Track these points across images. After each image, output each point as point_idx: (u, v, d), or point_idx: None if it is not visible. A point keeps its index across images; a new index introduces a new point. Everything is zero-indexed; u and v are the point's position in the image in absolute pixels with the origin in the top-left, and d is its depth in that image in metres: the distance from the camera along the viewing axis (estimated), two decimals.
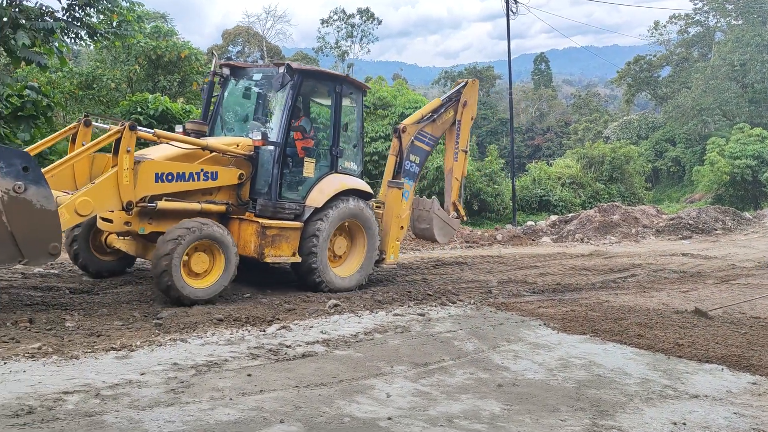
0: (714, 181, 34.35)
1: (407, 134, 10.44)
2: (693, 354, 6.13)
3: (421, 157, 10.70)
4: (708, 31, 53.69)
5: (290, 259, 8.50)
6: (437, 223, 10.80)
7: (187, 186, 7.76)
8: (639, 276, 11.57)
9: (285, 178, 8.51)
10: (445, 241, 11.74)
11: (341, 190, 8.90)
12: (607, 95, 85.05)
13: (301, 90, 8.78)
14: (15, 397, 4.12)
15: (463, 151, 11.37)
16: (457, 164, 11.33)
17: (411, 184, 10.45)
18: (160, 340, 5.77)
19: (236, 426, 3.84)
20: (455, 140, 11.28)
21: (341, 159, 9.23)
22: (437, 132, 10.96)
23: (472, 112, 11.40)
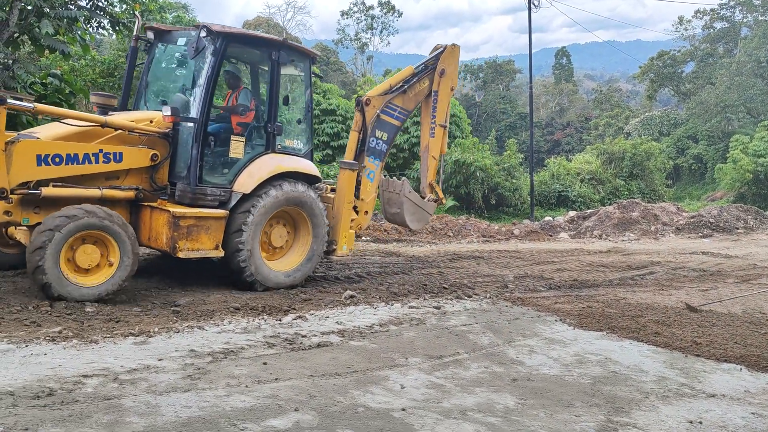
0: (736, 180, 33.80)
1: (371, 107, 9.39)
2: (711, 353, 6.06)
3: (390, 133, 9.67)
4: (734, 27, 52.73)
5: (211, 253, 7.47)
6: (408, 207, 9.93)
7: (83, 169, 6.78)
8: (657, 274, 11.45)
9: (206, 160, 7.49)
10: (418, 227, 10.75)
11: (277, 172, 7.89)
12: (629, 91, 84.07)
13: (226, 56, 7.81)
14: (36, 379, 4.20)
15: (441, 126, 10.25)
16: (434, 141, 10.28)
17: (377, 163, 9.50)
18: (177, 327, 5.84)
19: (251, 413, 3.88)
20: (431, 114, 10.17)
21: (281, 137, 8.20)
22: (409, 104, 9.89)
23: (451, 82, 10.29)
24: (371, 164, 9.44)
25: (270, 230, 8.09)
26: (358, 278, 9.28)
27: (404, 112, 9.81)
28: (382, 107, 9.49)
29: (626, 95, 76.81)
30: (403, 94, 9.76)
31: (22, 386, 4.06)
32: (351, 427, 3.77)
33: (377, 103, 9.46)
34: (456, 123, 32.77)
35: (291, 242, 8.37)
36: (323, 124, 30.94)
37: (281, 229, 8.24)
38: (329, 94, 32.75)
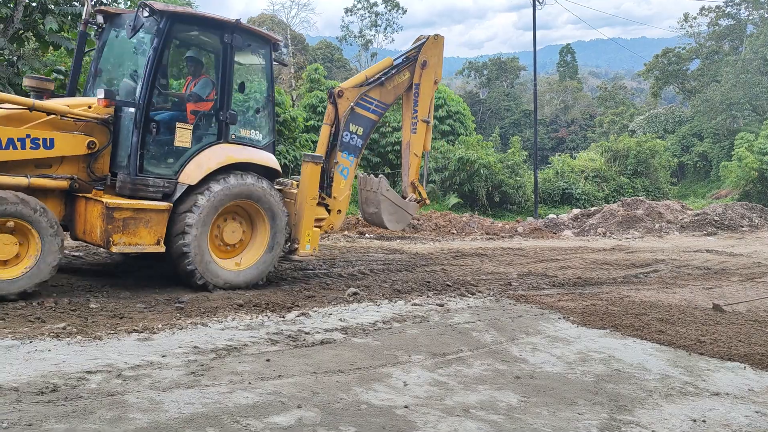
0: (742, 177, 33.69)
1: (345, 99, 8.87)
2: (715, 351, 6.05)
3: (365, 128, 9.10)
4: (739, 24, 52.52)
5: (151, 249, 6.95)
6: (387, 207, 9.35)
7: (6, 155, 6.30)
8: (662, 272, 11.43)
9: (149, 148, 7.04)
10: (397, 228, 10.08)
11: (228, 163, 7.42)
12: (634, 88, 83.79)
13: (172, 38, 7.37)
14: (40, 375, 4.22)
15: (423, 122, 9.67)
16: (416, 137, 9.68)
17: (351, 159, 8.97)
18: (181, 323, 5.85)
19: (254, 409, 3.88)
20: (413, 108, 9.59)
21: (236, 126, 7.74)
22: (387, 98, 9.31)
23: (435, 75, 9.71)
24: (345, 160, 8.93)
25: (223, 226, 7.60)
26: (361, 275, 9.28)
27: (382, 106, 9.25)
28: (357, 100, 8.96)
29: (631, 93, 76.56)
30: (380, 87, 9.23)
31: (26, 382, 4.08)
32: (354, 424, 3.77)
33: (351, 95, 8.94)
34: (460, 120, 32.76)
35: (247, 240, 7.85)
36: None
37: (235, 225, 7.72)
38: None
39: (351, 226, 15.47)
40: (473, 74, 72.43)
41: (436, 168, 28.32)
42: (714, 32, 53.61)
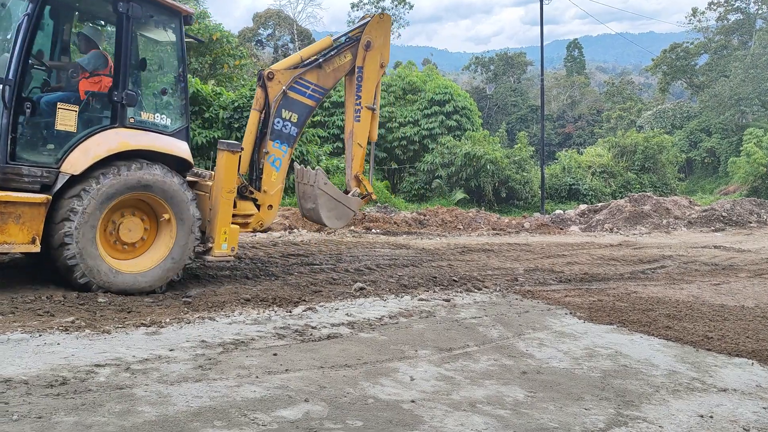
0: (750, 173, 33.50)
1: (276, 82, 8.09)
2: (722, 347, 6.03)
3: (301, 114, 8.31)
4: (749, 19, 52.12)
5: (22, 249, 6.07)
6: (325, 203, 8.55)
7: None
8: (669, 267, 11.39)
9: (24, 132, 6.21)
10: (337, 226, 9.23)
11: (121, 150, 6.52)
12: (642, 83, 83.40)
13: (51, 4, 6.62)
14: (49, 368, 4.25)
15: (367, 109, 8.86)
16: (360, 126, 8.88)
17: (284, 148, 8.20)
18: (188, 317, 5.88)
19: (262, 403, 3.90)
20: (356, 94, 8.79)
21: (135, 109, 6.86)
22: (327, 81, 8.54)
23: (381, 58, 8.88)
24: (276, 150, 8.12)
25: (119, 222, 6.75)
26: (367, 270, 9.29)
27: (320, 90, 8.45)
28: (291, 83, 8.14)
29: (639, 88, 76.22)
30: (318, 69, 8.39)
31: (35, 375, 4.11)
32: (360, 418, 3.78)
33: (283, 78, 8.14)
34: (466, 116, 32.70)
35: (151, 238, 7.00)
36: (333, 117, 30.96)
37: (135, 222, 6.86)
38: (339, 86, 32.70)
39: (357, 221, 15.48)
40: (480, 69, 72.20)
41: (442, 163, 28.29)
42: (723, 27, 53.21)
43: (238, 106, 20.07)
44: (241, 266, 8.87)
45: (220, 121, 20.55)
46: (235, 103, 20.22)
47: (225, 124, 20.43)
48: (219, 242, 7.34)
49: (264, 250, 10.39)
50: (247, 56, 28.73)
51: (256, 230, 8.34)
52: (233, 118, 20.18)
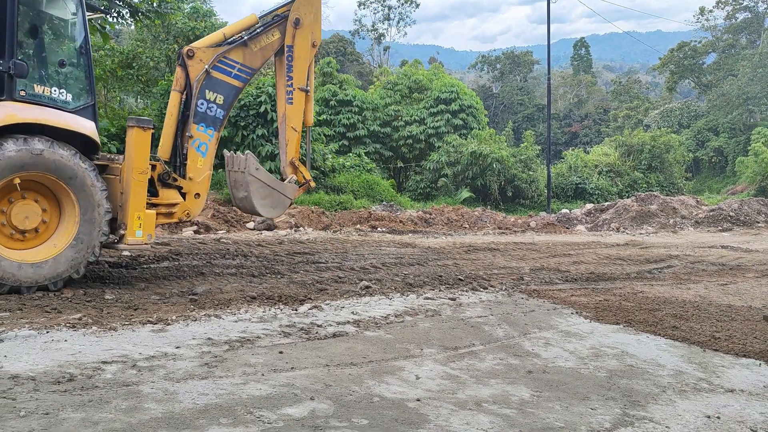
0: (758, 173, 33.33)
1: (197, 61, 7.57)
2: (730, 348, 6.00)
3: (227, 96, 7.83)
4: (757, 17, 51.84)
5: None
6: (257, 190, 8.01)
7: None
8: (676, 267, 11.34)
9: None
10: (272, 215, 8.75)
11: (7, 124, 5.95)
12: (649, 82, 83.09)
13: None
14: (57, 365, 4.27)
15: (300, 90, 8.37)
16: (293, 108, 8.40)
17: (210, 132, 7.70)
18: (195, 315, 5.90)
19: (268, 401, 3.91)
20: (286, 75, 8.31)
21: (29, 81, 6.31)
22: (254, 61, 8.05)
23: (312, 36, 8.40)
24: (202, 134, 7.59)
25: (10, 208, 6.15)
26: (373, 269, 9.30)
27: (246, 70, 7.96)
28: (213, 62, 7.65)
29: (646, 87, 75.92)
30: (243, 48, 7.93)
31: (43, 371, 4.13)
32: (366, 417, 3.79)
33: (205, 56, 7.65)
34: (473, 114, 32.65)
35: (53, 225, 6.44)
36: (339, 115, 30.95)
37: (32, 207, 6.25)
38: (345, 85, 32.74)
39: (363, 219, 15.48)
40: (486, 68, 72.08)
41: (448, 162, 28.26)
42: (731, 26, 52.95)
43: (244, 105, 20.12)
44: (247, 264, 8.89)
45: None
46: (242, 101, 20.26)
47: (231, 122, 20.47)
48: (132, 229, 6.70)
49: (270, 248, 10.41)
50: None
51: (182, 220, 7.81)
52: (239, 116, 20.23)
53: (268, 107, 19.77)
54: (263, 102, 19.80)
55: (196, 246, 9.87)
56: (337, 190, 20.89)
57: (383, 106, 32.83)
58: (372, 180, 22.92)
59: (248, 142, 20.07)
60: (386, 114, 32.55)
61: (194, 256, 9.04)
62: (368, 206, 19.68)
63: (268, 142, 19.81)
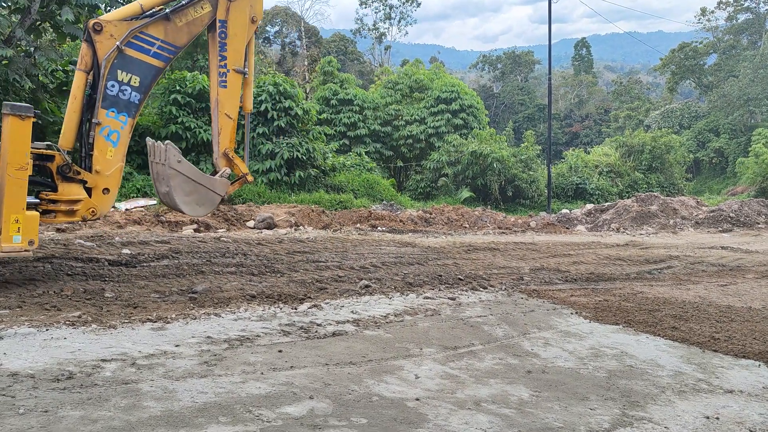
0: (758, 174, 33.32)
1: (106, 36, 6.61)
2: (729, 349, 5.99)
3: (144, 77, 6.87)
4: (758, 18, 51.84)
5: None
6: (181, 186, 7.10)
7: None
8: (675, 268, 11.34)
9: None
10: (199, 213, 7.68)
11: None
12: (650, 83, 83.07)
13: None
14: (56, 363, 4.27)
15: (236, 72, 7.48)
16: (227, 93, 7.51)
17: (123, 118, 6.78)
18: (194, 313, 5.89)
19: (267, 399, 3.91)
20: (219, 54, 7.38)
21: None
22: (178, 37, 7.09)
23: (251, 11, 7.50)
24: (112, 120, 6.70)
25: None
26: (373, 268, 9.29)
27: (169, 48, 7.02)
28: (127, 38, 6.72)
29: (647, 87, 75.92)
30: (165, 22, 6.97)
31: (42, 369, 4.13)
32: (365, 416, 3.78)
33: (117, 31, 6.67)
34: (473, 114, 32.65)
35: None
36: (340, 114, 30.94)
37: None
38: (346, 84, 32.73)
39: (363, 218, 15.48)
40: (487, 68, 72.08)
41: (448, 161, 28.26)
42: (732, 27, 52.95)
43: None
44: (246, 263, 8.89)
45: None
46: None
47: None
48: (8, 233, 5.93)
49: (270, 247, 10.41)
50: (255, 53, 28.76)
51: (87, 219, 6.82)
52: (240, 115, 20.21)
53: (269, 106, 19.76)
54: (264, 101, 19.79)
55: (195, 244, 9.86)
56: (338, 189, 20.89)
57: (384, 105, 32.83)
58: (372, 179, 22.92)
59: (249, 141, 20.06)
60: (387, 113, 32.55)
61: (194, 254, 9.04)
62: (368, 205, 19.68)
63: (269, 140, 19.80)
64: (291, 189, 19.61)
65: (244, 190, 18.42)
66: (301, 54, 54.70)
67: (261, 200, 17.83)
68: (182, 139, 19.52)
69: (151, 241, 9.60)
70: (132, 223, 11.78)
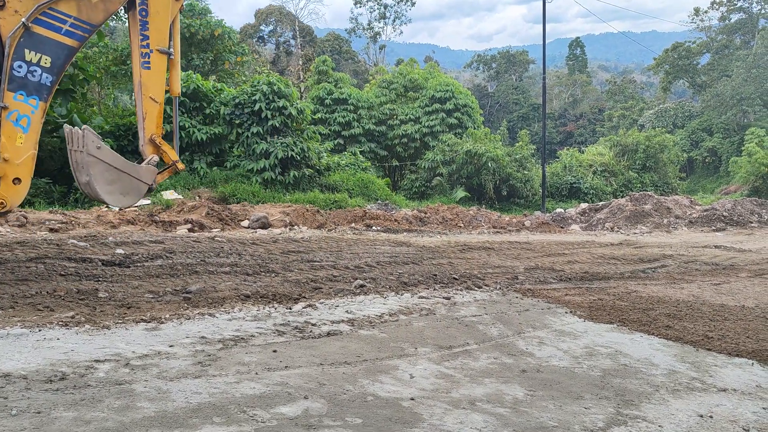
0: (751, 173, 33.43)
1: (9, 12, 6.19)
2: (722, 347, 6.02)
3: (56, 57, 6.41)
4: (751, 18, 52.05)
5: None
6: (102, 175, 6.62)
7: None
8: (669, 267, 11.37)
9: None
10: (125, 204, 7.28)
11: None
12: (644, 82, 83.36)
13: None
14: (49, 364, 4.25)
15: (160, 53, 7.01)
16: (151, 75, 7.02)
17: (34, 102, 6.32)
18: (188, 313, 5.88)
19: (261, 400, 3.90)
20: (140, 33, 6.89)
21: None
22: (94, 15, 6.63)
23: None
24: (21, 104, 6.26)
25: None
26: (368, 268, 9.28)
27: (83, 26, 6.56)
28: (35, 15, 6.26)
29: (641, 87, 76.15)
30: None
31: (34, 370, 4.11)
32: (360, 416, 3.78)
33: (22, 7, 6.22)
34: (468, 113, 32.67)
35: None
36: (334, 114, 30.91)
37: None
38: (341, 84, 32.71)
39: (358, 218, 15.46)
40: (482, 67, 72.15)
41: (443, 161, 28.26)
42: (725, 26, 53.15)
43: (240, 103, 20.07)
44: (241, 262, 8.86)
45: (221, 117, 20.55)
46: (236, 99, 20.21)
47: (226, 120, 20.43)
48: None
49: (264, 247, 10.38)
50: (249, 53, 28.72)
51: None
52: (234, 114, 20.18)
53: (263, 105, 19.72)
54: (258, 100, 19.75)
55: (190, 244, 9.83)
56: (332, 188, 20.86)
57: (378, 104, 32.82)
58: (367, 179, 22.90)
59: (243, 140, 20.03)
60: (381, 113, 32.55)
61: (188, 254, 9.01)
62: (363, 205, 19.65)
63: (263, 140, 19.76)
64: (285, 188, 19.58)
65: (238, 189, 18.39)
66: (295, 53, 54.66)
67: (255, 200, 17.79)
68: None
69: (145, 241, 9.56)
70: (125, 222, 11.73)
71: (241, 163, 19.90)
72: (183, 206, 14.25)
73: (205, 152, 20.32)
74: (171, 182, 18.27)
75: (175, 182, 18.30)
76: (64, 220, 11.13)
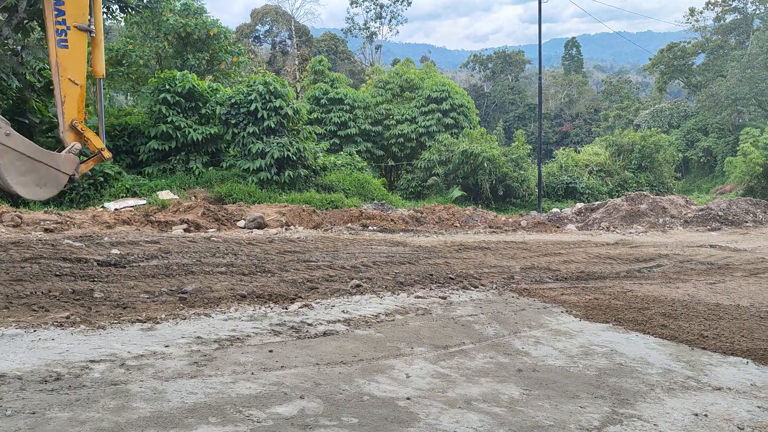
0: (746, 173, 33.54)
1: None
2: (717, 346, 6.03)
3: None
4: (746, 19, 52.19)
5: None
6: (13, 164, 6.13)
7: None
8: (665, 266, 11.40)
9: None
10: (41, 197, 6.65)
11: None
12: (639, 82, 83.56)
13: None
14: (44, 364, 4.23)
15: (78, 30, 6.47)
16: (69, 54, 6.50)
17: None
18: (184, 313, 5.86)
19: (257, 400, 3.89)
20: (53, 8, 6.38)
21: None
22: None
23: None
24: None
25: None
26: (364, 267, 9.28)
27: None
28: None
29: (636, 87, 76.35)
30: None
31: (29, 370, 4.09)
32: (356, 416, 3.78)
33: None
34: (464, 113, 32.69)
35: None
36: (330, 113, 30.89)
37: None
38: (337, 83, 32.69)
39: (354, 218, 15.46)
40: (478, 67, 72.20)
41: (439, 161, 28.27)
42: (720, 27, 53.28)
43: (235, 103, 20.04)
44: (237, 262, 8.85)
45: (216, 117, 20.52)
46: (232, 99, 20.18)
47: (222, 120, 20.39)
48: None
49: (260, 247, 10.37)
50: (245, 53, 28.68)
51: None
52: (230, 114, 20.15)
53: (259, 105, 19.69)
54: (254, 100, 19.73)
55: (185, 244, 9.81)
56: (328, 188, 20.85)
57: (374, 104, 32.81)
58: (363, 178, 22.90)
59: (239, 140, 20.00)
60: (377, 113, 32.54)
61: (184, 254, 8.99)
62: (359, 205, 19.65)
63: (259, 140, 19.73)
64: (281, 188, 19.55)
65: (234, 189, 18.36)
66: (291, 53, 54.60)
67: (251, 200, 17.76)
68: (172, 139, 19.45)
69: (141, 241, 9.54)
70: (121, 223, 11.71)
71: (237, 163, 19.87)
72: (179, 206, 14.23)
73: (201, 152, 20.29)
74: (167, 182, 18.25)
75: (170, 182, 18.28)
76: (59, 220, 11.10)
